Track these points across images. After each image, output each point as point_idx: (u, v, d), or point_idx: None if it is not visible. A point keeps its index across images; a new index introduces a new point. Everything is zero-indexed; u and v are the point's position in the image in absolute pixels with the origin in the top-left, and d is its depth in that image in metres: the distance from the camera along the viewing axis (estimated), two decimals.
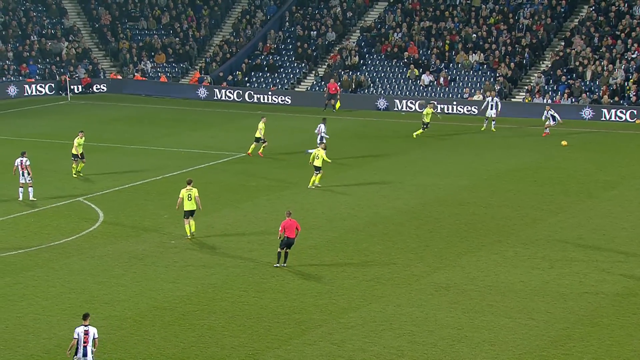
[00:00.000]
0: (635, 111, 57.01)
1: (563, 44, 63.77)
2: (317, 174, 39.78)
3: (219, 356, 23.28)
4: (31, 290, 27.90)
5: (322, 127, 45.97)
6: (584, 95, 59.49)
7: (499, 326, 25.01)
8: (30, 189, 37.22)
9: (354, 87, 65.02)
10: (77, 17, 74.45)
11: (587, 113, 57.34)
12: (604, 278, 28.78)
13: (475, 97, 61.53)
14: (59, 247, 32.10)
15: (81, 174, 41.84)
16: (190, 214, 32.73)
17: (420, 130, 51.17)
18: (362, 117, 59.47)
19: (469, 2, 68.07)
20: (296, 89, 66.71)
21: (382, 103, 61.83)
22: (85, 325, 21.41)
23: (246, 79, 67.94)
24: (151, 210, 36.84)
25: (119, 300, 27.09)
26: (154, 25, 73.62)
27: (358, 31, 69.69)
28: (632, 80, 59.45)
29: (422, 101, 59.65)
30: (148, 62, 70.73)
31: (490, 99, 54.85)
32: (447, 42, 65.59)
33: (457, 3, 68.34)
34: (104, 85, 68.20)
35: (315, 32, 69.77)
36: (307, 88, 66.59)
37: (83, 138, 42.22)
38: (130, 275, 29.23)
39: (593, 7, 65.06)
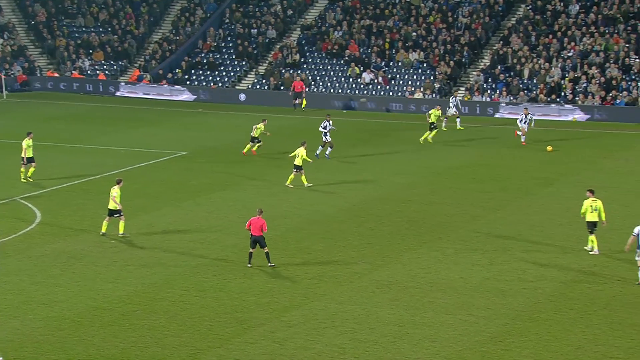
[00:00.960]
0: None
1: (501, 42, 64.53)
2: (297, 172, 39.42)
3: (159, 356, 23.09)
4: None
5: (327, 124, 45.53)
6: (521, 93, 60.26)
7: (440, 323, 25.21)
8: None
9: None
10: (12, 13, 73.30)
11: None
12: (542, 274, 29.18)
13: (416, 95, 61.96)
14: None
15: (30, 179, 40.46)
16: (111, 212, 32.41)
17: (428, 133, 49.27)
18: (306, 116, 59.49)
19: (408, 0, 68.50)
20: (237, 87, 66.49)
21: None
22: None
23: (186, 76, 67.54)
24: (90, 209, 36.42)
25: (57, 300, 26.72)
26: (92, 23, 72.78)
27: (299, 29, 69.73)
28: (568, 79, 60.37)
29: (363, 99, 59.90)
30: (86, 59, 69.91)
31: (453, 98, 54.98)
32: (388, 40, 65.93)
33: (397, 2, 68.74)
34: (38, 83, 67.26)
35: (255, 30, 69.62)
36: (248, 86, 66.41)
37: (31, 140, 40.97)
38: (68, 276, 28.86)
39: (530, 6, 65.94)
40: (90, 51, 70.44)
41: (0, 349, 23.20)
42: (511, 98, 60.41)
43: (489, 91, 61.37)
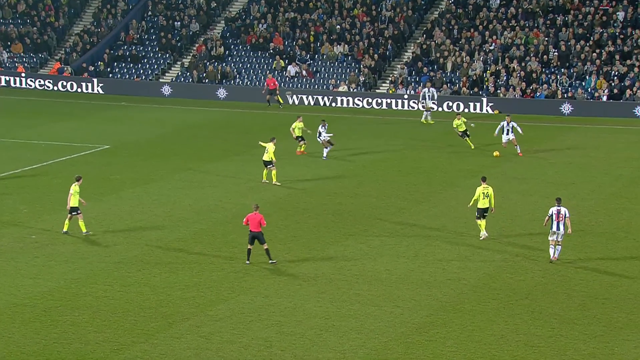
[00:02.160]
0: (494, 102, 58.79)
1: (424, 35, 65.13)
2: (270, 168, 38.78)
3: (82, 352, 22.77)
4: None
5: (322, 129, 44.72)
6: (444, 86, 60.92)
7: (366, 314, 25.35)
8: None
9: (219, 77, 64.67)
10: None
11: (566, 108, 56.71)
12: (466, 265, 29.55)
13: (340, 88, 62.14)
14: None
15: None
16: (71, 210, 31.82)
17: (467, 140, 46.45)
18: (230, 109, 59.23)
19: None
20: (161, 80, 65.86)
21: (221, 93, 61.68)
22: None
23: (109, 69, 66.65)
24: (9, 204, 35.69)
25: None
26: (10, 14, 71.30)
27: (223, 22, 69.34)
28: (489, 72, 61.23)
29: (289, 91, 59.86)
30: (4, 52, 68.48)
31: (426, 90, 55.10)
32: (312, 33, 66.01)
33: None
34: None
35: (179, 23, 69.02)
36: (172, 79, 65.83)
37: None
38: None
39: (452, 0, 66.65)
40: (9, 43, 69.02)
41: None
42: (435, 91, 60.95)
43: (412, 84, 61.88)
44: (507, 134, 44.80)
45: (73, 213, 31.86)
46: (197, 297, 26.49)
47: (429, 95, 55.01)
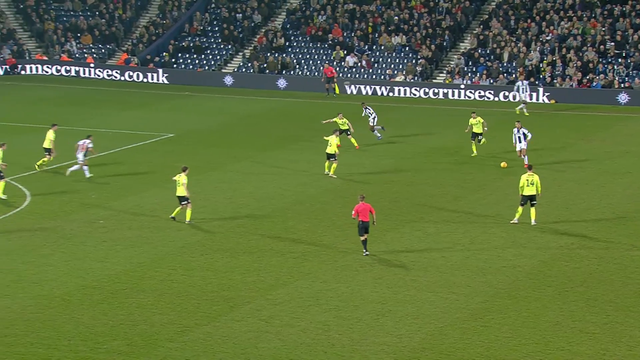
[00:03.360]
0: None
1: (481, 26, 64.49)
2: (332, 160, 38.13)
3: (147, 333, 23.06)
4: None
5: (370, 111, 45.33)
6: (501, 76, 60.29)
7: (422, 300, 25.26)
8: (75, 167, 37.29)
9: (280, 68, 64.83)
10: None
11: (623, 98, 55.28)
12: (521, 252, 29.27)
13: (397, 79, 61.87)
14: None
15: (44, 167, 39.39)
16: (180, 199, 32.02)
17: (483, 140, 43.39)
18: (293, 99, 59.37)
19: None
20: (223, 70, 66.24)
21: (282, 83, 61.74)
22: None
23: (173, 60, 67.22)
24: (79, 190, 36.24)
25: (47, 279, 26.62)
26: (80, 7, 72.27)
27: (284, 13, 69.44)
28: (546, 62, 60.44)
29: (347, 82, 59.75)
30: (74, 43, 69.45)
31: (520, 82, 54.21)
32: (370, 24, 65.77)
33: None
34: (30, 66, 66.83)
35: (240, 15, 69.29)
36: (234, 69, 66.17)
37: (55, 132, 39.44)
38: (58, 255, 28.75)
39: None
40: (79, 35, 69.97)
41: None
42: (491, 81, 60.43)
43: (469, 74, 61.35)
44: (520, 141, 40.50)
45: (183, 202, 31.99)
46: (258, 281, 26.64)
47: (522, 88, 54.03)
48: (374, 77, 63.20)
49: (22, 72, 66.53)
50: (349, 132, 44.04)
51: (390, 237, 30.78)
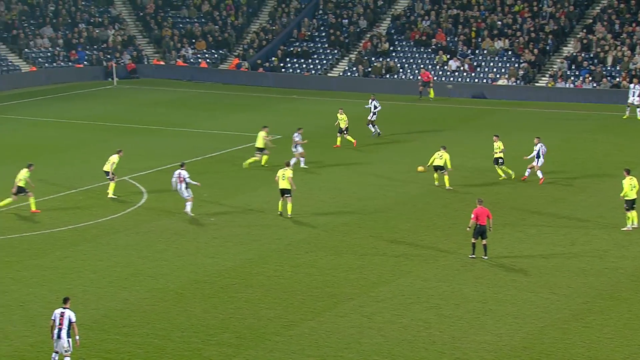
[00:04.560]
0: None
1: (585, 30, 63.03)
2: (442, 173, 36.45)
3: (256, 327, 23.36)
4: (80, 264, 28.15)
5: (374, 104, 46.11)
6: (604, 80, 58.81)
7: (522, 300, 24.87)
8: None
9: (384, 72, 64.75)
10: (122, 6, 74.74)
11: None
12: (623, 254, 28.51)
13: (499, 82, 61.02)
14: (105, 223, 32.35)
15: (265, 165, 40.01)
16: (283, 192, 32.57)
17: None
18: (394, 102, 59.24)
19: None
20: (329, 74, 66.53)
21: (385, 87, 61.52)
22: (64, 309, 20.65)
23: (281, 64, 67.89)
24: (193, 189, 36.92)
25: (162, 273, 27.25)
26: (195, 14, 73.69)
27: (388, 19, 69.33)
28: None
29: (449, 85, 59.19)
30: (189, 48, 70.87)
31: (632, 85, 52.47)
32: (474, 29, 65.09)
33: None
34: (148, 70, 68.52)
35: (347, 20, 69.50)
36: (339, 73, 66.39)
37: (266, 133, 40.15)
38: (172, 250, 29.39)
39: None
40: (193, 41, 71.38)
41: (109, 318, 23.80)
42: (594, 85, 59.02)
43: (572, 78, 60.07)
44: (538, 156, 37.64)
45: (286, 195, 32.48)
46: (360, 279, 26.68)
47: (634, 92, 52.13)
48: (475, 80, 62.49)
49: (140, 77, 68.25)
50: (346, 131, 43.99)
51: (491, 239, 30.36)
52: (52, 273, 27.31)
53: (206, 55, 70.67)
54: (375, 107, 46.57)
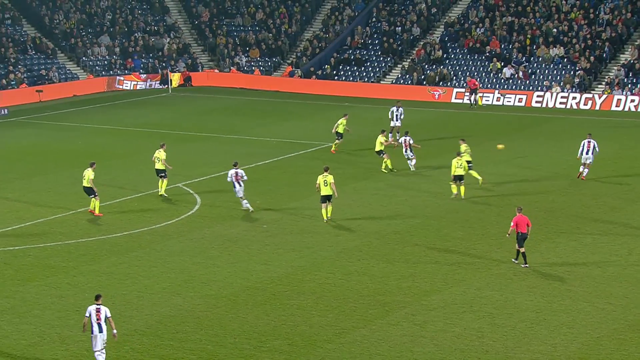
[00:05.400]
0: None
1: None
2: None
3: (307, 334, 23.39)
4: (135, 269, 28.47)
5: (399, 110, 46.54)
6: None
7: (577, 310, 24.54)
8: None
9: (437, 80, 64.48)
10: (178, 14, 75.58)
11: None
12: None
13: (553, 90, 60.39)
14: (159, 229, 32.68)
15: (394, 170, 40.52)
16: (326, 199, 32.84)
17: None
18: (445, 109, 58.95)
19: None
20: (382, 82, 66.45)
21: (438, 94, 61.24)
22: (98, 304, 21.32)
23: (334, 72, 67.98)
24: (244, 196, 37.13)
25: (215, 280, 27.43)
26: (249, 22, 74.20)
27: (442, 26, 69.05)
28: None
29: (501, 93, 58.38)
30: (243, 56, 71.34)
31: None
32: (529, 36, 64.50)
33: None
34: (203, 78, 69.15)
35: (400, 28, 69.38)
36: (392, 81, 66.28)
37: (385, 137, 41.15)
38: (225, 257, 29.57)
39: None
40: (247, 49, 71.85)
41: (163, 324, 24.02)
42: None
43: (629, 86, 59.17)
44: (587, 153, 38.28)
45: (328, 200, 32.79)
46: (412, 287, 26.57)
47: None
48: (530, 88, 61.91)
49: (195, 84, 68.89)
50: (340, 137, 44.51)
51: (545, 247, 30.04)
52: (108, 279, 27.65)
53: (260, 63, 71.06)
54: (399, 115, 46.64)
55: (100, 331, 21.19)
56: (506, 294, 25.84)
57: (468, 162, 37.47)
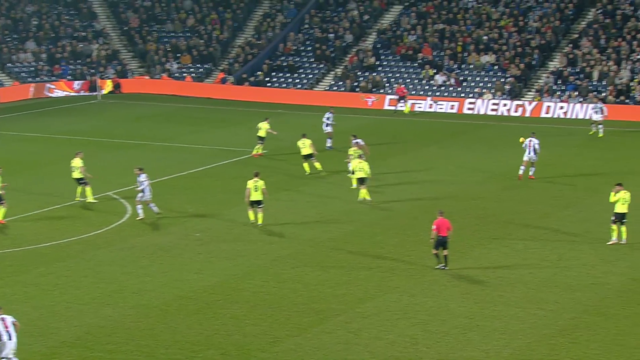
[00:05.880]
0: None
1: (571, 45, 63.44)
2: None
3: (241, 343, 23.29)
4: (63, 280, 28.01)
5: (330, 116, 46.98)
6: (591, 94, 59.16)
7: (509, 315, 24.90)
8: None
9: (370, 87, 64.91)
10: (106, 20, 74.72)
11: None
12: (610, 270, 28.60)
13: (485, 97, 61.29)
14: (89, 239, 32.22)
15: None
16: (256, 204, 32.94)
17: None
18: (379, 116, 59.38)
19: (480, 5, 67.89)
20: (315, 89, 66.64)
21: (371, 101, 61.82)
22: (1, 315, 21.13)
23: (267, 79, 67.96)
24: (176, 204, 36.89)
25: (147, 290, 27.14)
26: (180, 28, 73.74)
27: (374, 33, 69.58)
28: (637, 80, 59.06)
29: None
30: (174, 63, 70.86)
31: (594, 104, 52.66)
32: (460, 43, 65.39)
33: (470, 7, 68.13)
34: (131, 85, 68.44)
35: (333, 34, 69.69)
36: (325, 88, 66.52)
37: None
38: (156, 266, 29.29)
39: (600, 10, 64.69)
40: (178, 55, 71.39)
41: (92, 335, 23.67)
42: (580, 100, 59.36)
43: (558, 93, 60.39)
44: (530, 153, 40.10)
45: (260, 206, 32.96)
46: (347, 294, 26.65)
47: (596, 110, 51.96)
48: (462, 95, 62.74)
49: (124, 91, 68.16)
50: (262, 140, 45.13)
51: (478, 253, 30.43)
52: (35, 289, 27.15)
53: (191, 69, 70.67)
54: (329, 122, 47.14)
55: (10, 338, 20.88)
56: (440, 300, 26.09)
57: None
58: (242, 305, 25.79)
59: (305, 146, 41.35)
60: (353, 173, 37.57)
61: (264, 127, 45.97)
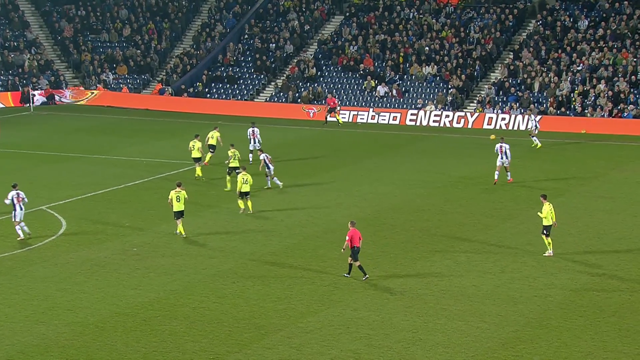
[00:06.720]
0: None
1: (512, 56, 64.44)
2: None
3: None
4: None
5: (255, 130, 46.61)
6: (532, 106, 60.14)
7: (452, 329, 25.12)
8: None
9: (312, 98, 65.12)
10: (39, 29, 73.81)
11: None
12: (552, 282, 29.04)
13: (427, 108, 61.91)
14: (21, 255, 31.71)
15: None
16: (179, 214, 33.22)
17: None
18: (320, 127, 59.57)
19: (421, 16, 68.62)
20: (255, 100, 66.62)
21: (312, 112, 62.02)
22: None
23: (206, 90, 67.74)
24: (113, 218, 36.52)
25: (82, 306, 26.79)
26: (116, 38, 73.18)
27: (315, 44, 69.86)
28: (577, 92, 60.20)
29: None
30: (110, 73, 70.25)
31: (531, 116, 53.50)
32: (402, 54, 65.98)
33: (411, 17, 68.82)
34: (63, 97, 67.62)
35: (273, 45, 69.79)
36: (266, 99, 66.54)
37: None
38: (92, 282, 28.94)
39: (540, 22, 65.86)
40: (114, 65, 70.79)
41: (25, 354, 23.28)
42: (522, 111, 60.28)
43: (500, 104, 61.25)
44: (502, 157, 41.84)
45: (181, 217, 33.22)
46: (289, 309, 26.64)
47: (533, 122, 52.72)
48: (404, 106, 63.28)
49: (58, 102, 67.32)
50: (213, 149, 45.66)
51: (421, 266, 30.67)
52: None
53: (128, 80, 70.12)
54: (254, 139, 46.74)
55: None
56: (382, 314, 26.22)
57: (235, 167, 40.01)
58: (182, 322, 25.61)
59: (194, 149, 42.45)
60: (230, 174, 39.55)
61: (215, 136, 46.08)
